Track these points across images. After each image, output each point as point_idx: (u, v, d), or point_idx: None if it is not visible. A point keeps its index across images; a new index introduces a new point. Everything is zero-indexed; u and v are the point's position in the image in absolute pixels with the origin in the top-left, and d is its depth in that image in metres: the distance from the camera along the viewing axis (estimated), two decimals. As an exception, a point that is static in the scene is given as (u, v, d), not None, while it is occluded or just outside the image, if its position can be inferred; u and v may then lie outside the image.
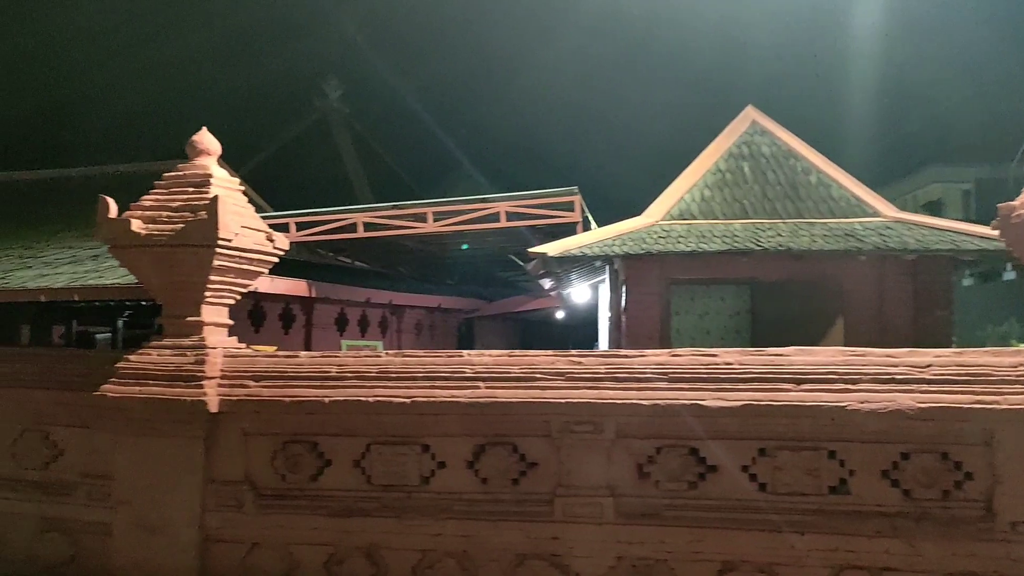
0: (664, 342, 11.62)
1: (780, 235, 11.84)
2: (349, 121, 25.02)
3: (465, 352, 5.56)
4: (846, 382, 4.85)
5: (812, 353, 5.05)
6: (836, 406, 4.75)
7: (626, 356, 5.31)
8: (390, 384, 5.35)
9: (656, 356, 5.27)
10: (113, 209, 5.77)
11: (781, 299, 12.71)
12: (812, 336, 11.86)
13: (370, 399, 5.26)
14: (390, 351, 5.83)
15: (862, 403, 4.74)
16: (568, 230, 12.88)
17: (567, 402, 5.05)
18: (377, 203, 13.35)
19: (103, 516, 5.51)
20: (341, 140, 23.36)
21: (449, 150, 35.52)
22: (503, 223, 10.84)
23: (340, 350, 11.00)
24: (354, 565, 5.19)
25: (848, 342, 11.66)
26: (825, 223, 12.45)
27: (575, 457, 5.07)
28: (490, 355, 5.49)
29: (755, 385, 4.94)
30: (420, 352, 5.71)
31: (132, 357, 5.69)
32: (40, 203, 13.88)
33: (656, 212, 12.66)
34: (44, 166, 15.76)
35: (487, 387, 5.23)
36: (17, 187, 14.47)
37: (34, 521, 5.70)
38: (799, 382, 4.89)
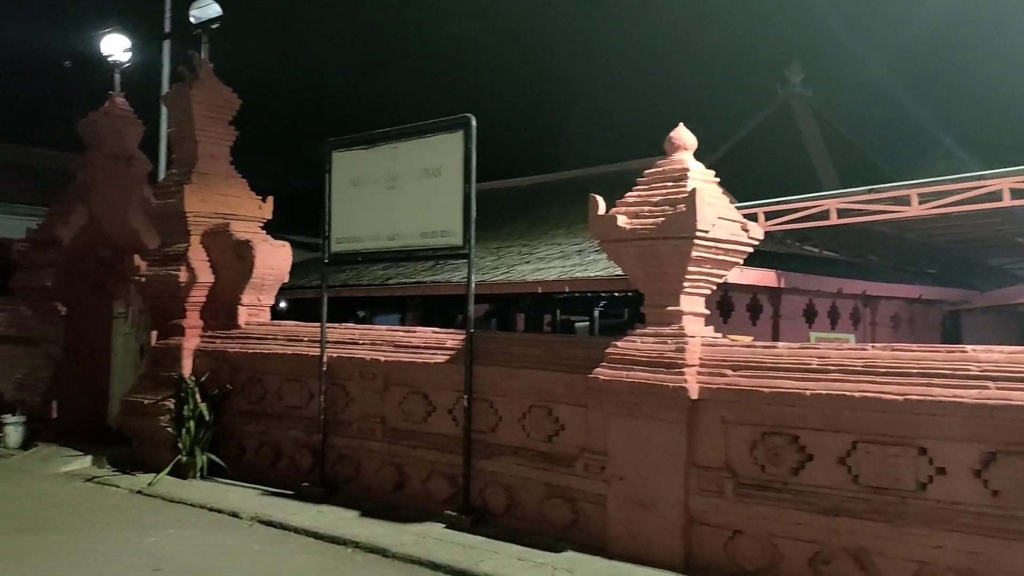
0: None
1: None
2: (812, 105, 23.94)
3: (968, 347, 4.97)
4: None
5: None
6: None
7: None
8: (878, 380, 5.00)
9: None
10: (601, 207, 6.28)
11: None
12: None
13: (856, 394, 4.98)
14: (874, 344, 5.45)
15: None
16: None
17: (1110, 411, 4.22)
18: (843, 189, 12.58)
19: (599, 488, 6.05)
20: (804, 125, 22.41)
21: (924, 127, 32.10)
22: (1007, 202, 9.39)
23: (809, 342, 10.61)
24: (842, 566, 4.96)
25: None
26: None
27: (1122, 478, 4.22)
28: (1000, 352, 4.83)
29: None
30: (912, 346, 5.24)
31: (619, 344, 6.13)
32: (534, 205, 15.78)
33: None
34: (537, 172, 17.87)
35: (998, 388, 4.61)
36: (516, 192, 16.62)
37: (541, 487, 6.47)
38: None
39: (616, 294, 12.42)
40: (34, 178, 23.61)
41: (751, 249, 6.33)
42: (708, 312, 6.31)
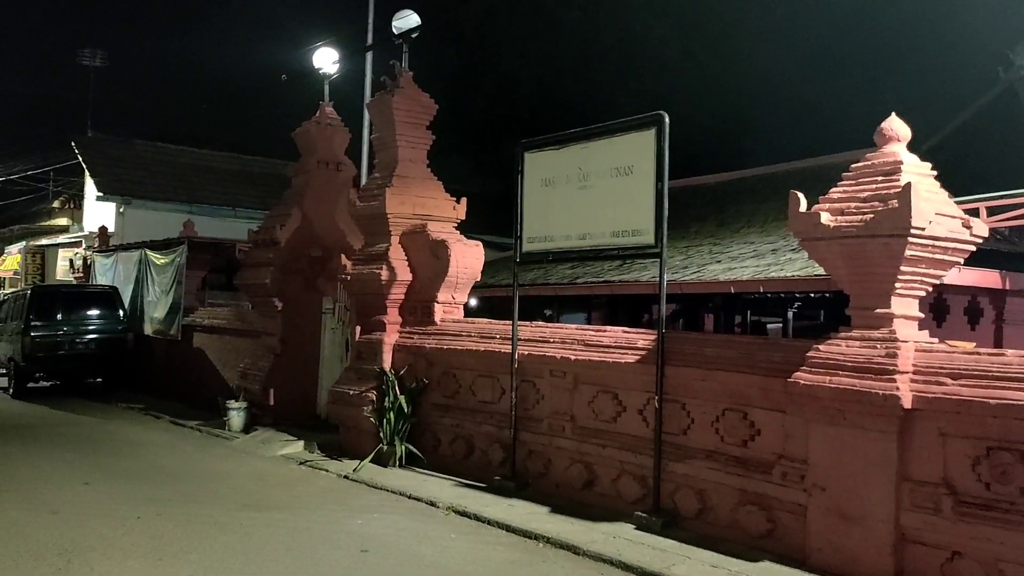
0: None
1: None
2: (1041, 88, 21.63)
3: None
4: None
5: None
6: None
7: None
8: None
9: None
10: (803, 203, 5.98)
11: None
12: None
13: (1104, 409, 4.45)
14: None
15: None
16: None
17: None
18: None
19: (798, 497, 5.78)
20: (1032, 111, 20.33)
21: None
22: None
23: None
24: (1084, 601, 4.45)
25: None
26: None
27: None
28: None
29: None
30: None
31: (821, 347, 5.82)
32: (724, 203, 15.32)
33: None
34: (726, 169, 17.35)
35: None
36: (705, 190, 16.22)
37: (735, 492, 6.27)
38: None
39: (812, 295, 11.83)
40: (255, 184, 25.86)
41: (973, 248, 5.82)
42: (922, 315, 5.87)
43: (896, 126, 5.82)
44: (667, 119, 6.92)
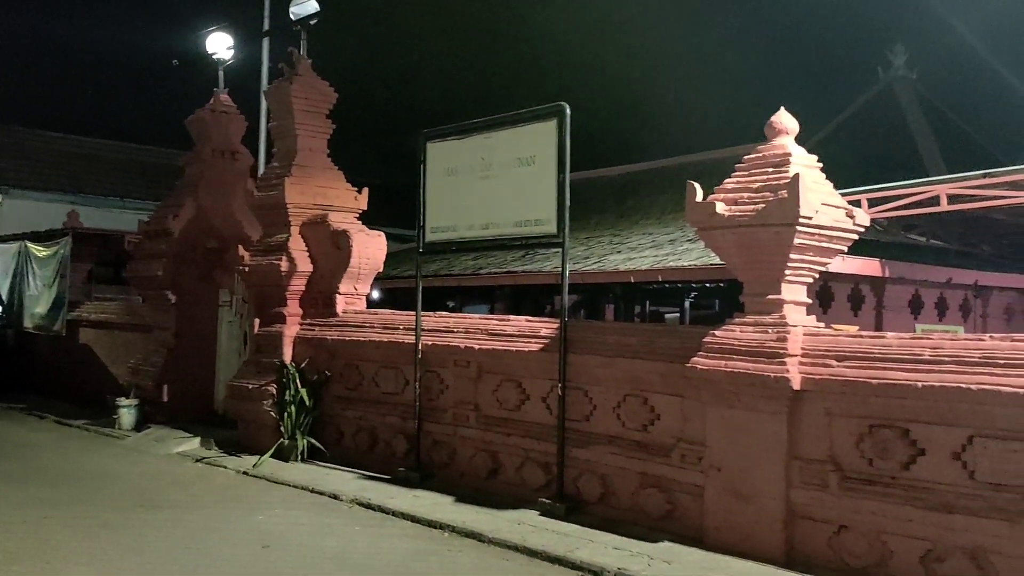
0: None
1: None
2: (916, 87, 22.93)
3: (1097, 338, 4.68)
4: None
5: None
6: None
7: None
8: (997, 372, 4.78)
9: None
10: (699, 194, 6.17)
11: None
12: None
13: (972, 387, 4.76)
14: (992, 335, 5.19)
15: None
16: None
17: None
18: (950, 174, 12.00)
19: (696, 478, 5.97)
20: (908, 109, 21.49)
21: (1039, 107, 30.20)
22: None
23: (917, 333, 10.15)
24: (956, 565, 4.76)
25: None
26: None
27: None
28: None
29: None
30: (1036, 337, 4.97)
31: (717, 333, 6.03)
32: (623, 195, 15.63)
33: None
34: (623, 162, 17.68)
35: None
36: (606, 182, 16.49)
37: (636, 476, 6.43)
38: None
39: (708, 284, 12.19)
40: (145, 174, 24.80)
41: (856, 236, 6.13)
42: (809, 301, 6.14)
43: (785, 120, 6.07)
44: (568, 111, 7.00)
